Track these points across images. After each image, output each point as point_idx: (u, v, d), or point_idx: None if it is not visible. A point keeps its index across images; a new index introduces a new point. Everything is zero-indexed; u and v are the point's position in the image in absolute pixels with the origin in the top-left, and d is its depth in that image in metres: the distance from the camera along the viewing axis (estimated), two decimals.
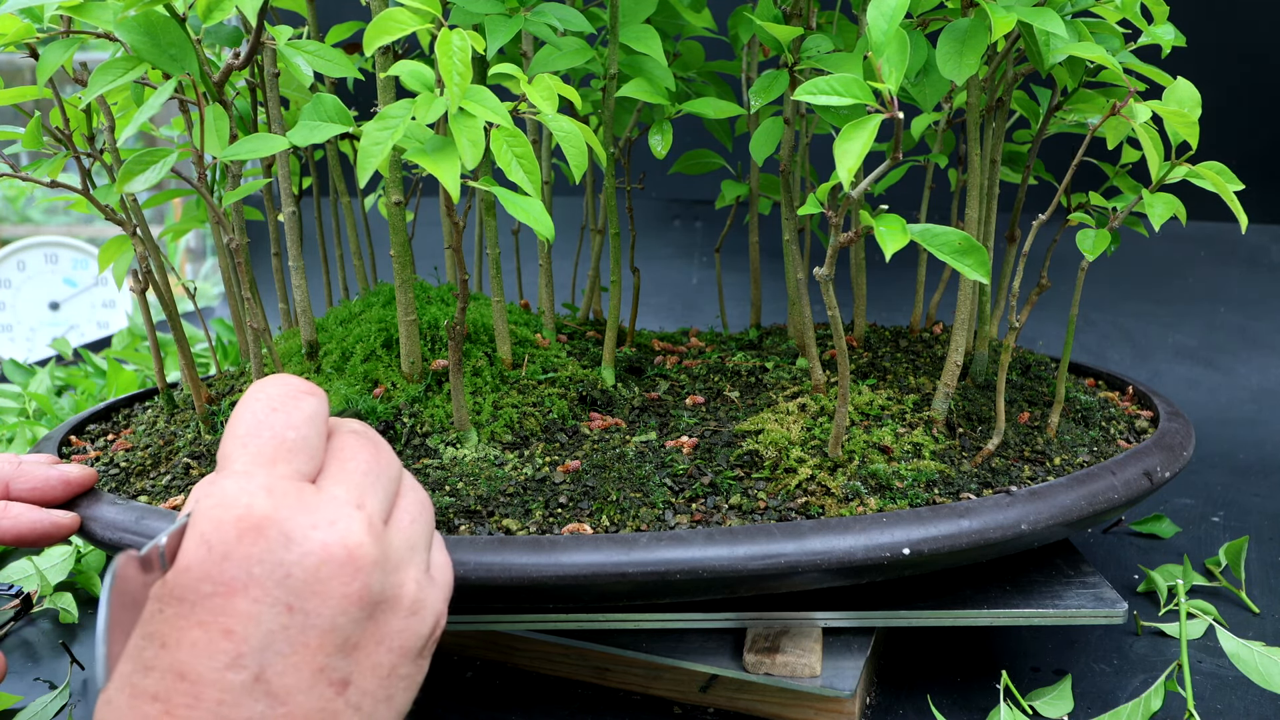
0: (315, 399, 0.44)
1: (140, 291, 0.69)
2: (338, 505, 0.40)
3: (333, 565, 0.39)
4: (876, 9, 0.50)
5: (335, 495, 0.41)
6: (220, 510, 0.38)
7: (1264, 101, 1.23)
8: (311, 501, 0.40)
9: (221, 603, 0.37)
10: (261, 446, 0.41)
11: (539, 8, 0.62)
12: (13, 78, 2.63)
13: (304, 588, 0.38)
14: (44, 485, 0.58)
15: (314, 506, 0.40)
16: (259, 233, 1.19)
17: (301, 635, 0.38)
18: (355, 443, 0.44)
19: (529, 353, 0.70)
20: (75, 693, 0.62)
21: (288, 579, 0.38)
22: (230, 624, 0.37)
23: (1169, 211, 0.61)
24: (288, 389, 0.43)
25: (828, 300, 0.56)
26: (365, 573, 0.39)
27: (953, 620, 0.59)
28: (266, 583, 0.38)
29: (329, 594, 0.38)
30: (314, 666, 0.38)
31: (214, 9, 0.53)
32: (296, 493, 0.40)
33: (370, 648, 0.40)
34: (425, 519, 0.45)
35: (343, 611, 0.39)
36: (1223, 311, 1.29)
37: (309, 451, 0.42)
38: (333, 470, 0.42)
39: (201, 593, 0.37)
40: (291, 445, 0.41)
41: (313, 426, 0.43)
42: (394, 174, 0.62)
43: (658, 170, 1.29)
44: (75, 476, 0.59)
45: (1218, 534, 0.86)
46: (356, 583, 0.39)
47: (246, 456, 0.41)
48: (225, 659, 0.37)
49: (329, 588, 0.38)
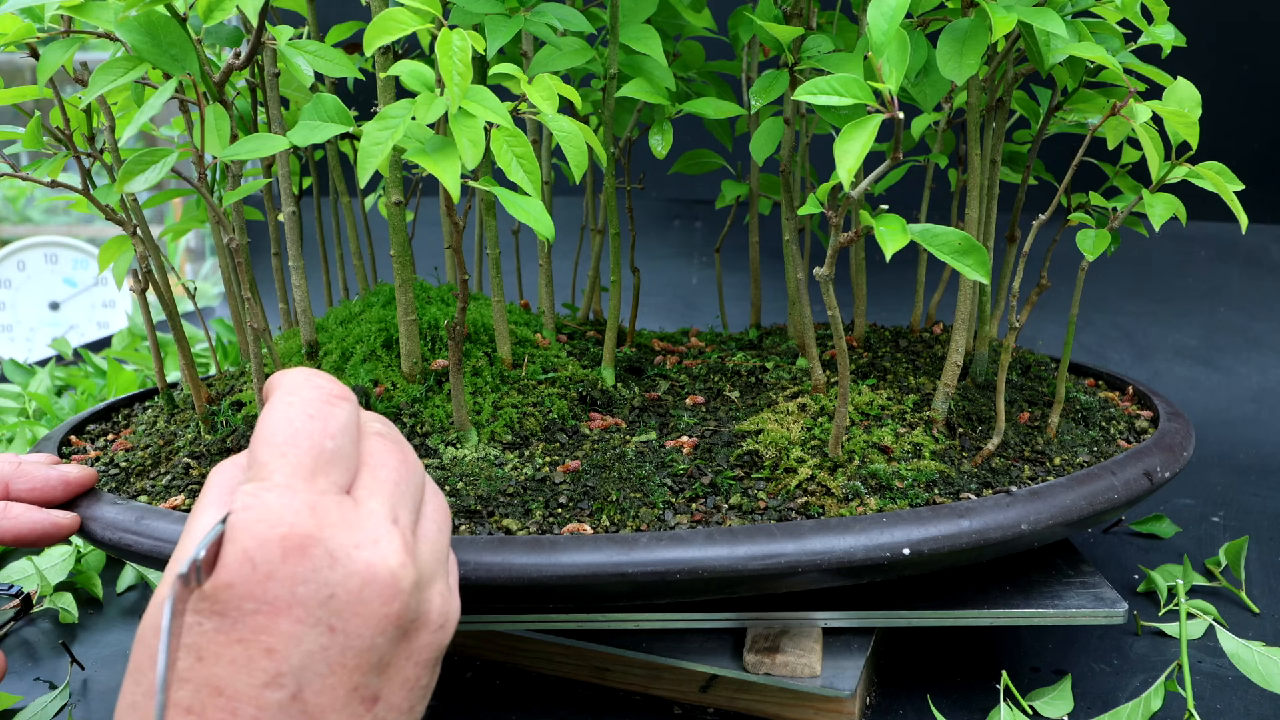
0: (349, 404, 0.43)
1: (140, 291, 0.69)
2: (377, 522, 0.40)
3: (375, 586, 0.38)
4: (877, 9, 0.50)
5: (373, 510, 0.40)
6: (265, 527, 0.38)
7: (1264, 101, 1.23)
8: (352, 518, 0.39)
9: (264, 621, 0.37)
10: (301, 458, 0.40)
11: (539, 8, 0.62)
12: (13, 78, 2.63)
13: (346, 609, 0.38)
14: (44, 485, 0.58)
15: (355, 524, 0.39)
16: (259, 233, 1.18)
17: (340, 655, 0.38)
18: (383, 448, 0.43)
19: (529, 353, 0.70)
20: (75, 693, 0.62)
21: (331, 599, 0.38)
22: (272, 643, 0.37)
23: (1169, 211, 0.61)
24: (321, 393, 0.42)
25: (828, 300, 0.56)
26: (405, 593, 0.39)
27: (953, 620, 0.59)
28: (310, 603, 0.37)
29: (370, 615, 0.38)
30: (349, 685, 0.38)
31: (215, 9, 0.53)
32: (339, 509, 0.39)
33: (400, 664, 0.40)
34: (448, 528, 0.45)
35: (381, 632, 0.39)
36: (1223, 311, 1.29)
37: (345, 462, 0.41)
38: (366, 480, 0.42)
39: (244, 610, 0.37)
40: (330, 456, 0.41)
41: (348, 435, 0.42)
42: (394, 174, 0.62)
43: (658, 170, 1.29)
44: (75, 477, 0.59)
45: (1218, 534, 0.86)
46: (396, 603, 0.39)
47: (287, 468, 0.40)
48: (264, 677, 0.36)
49: (370, 609, 0.38)
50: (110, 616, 0.72)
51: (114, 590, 0.76)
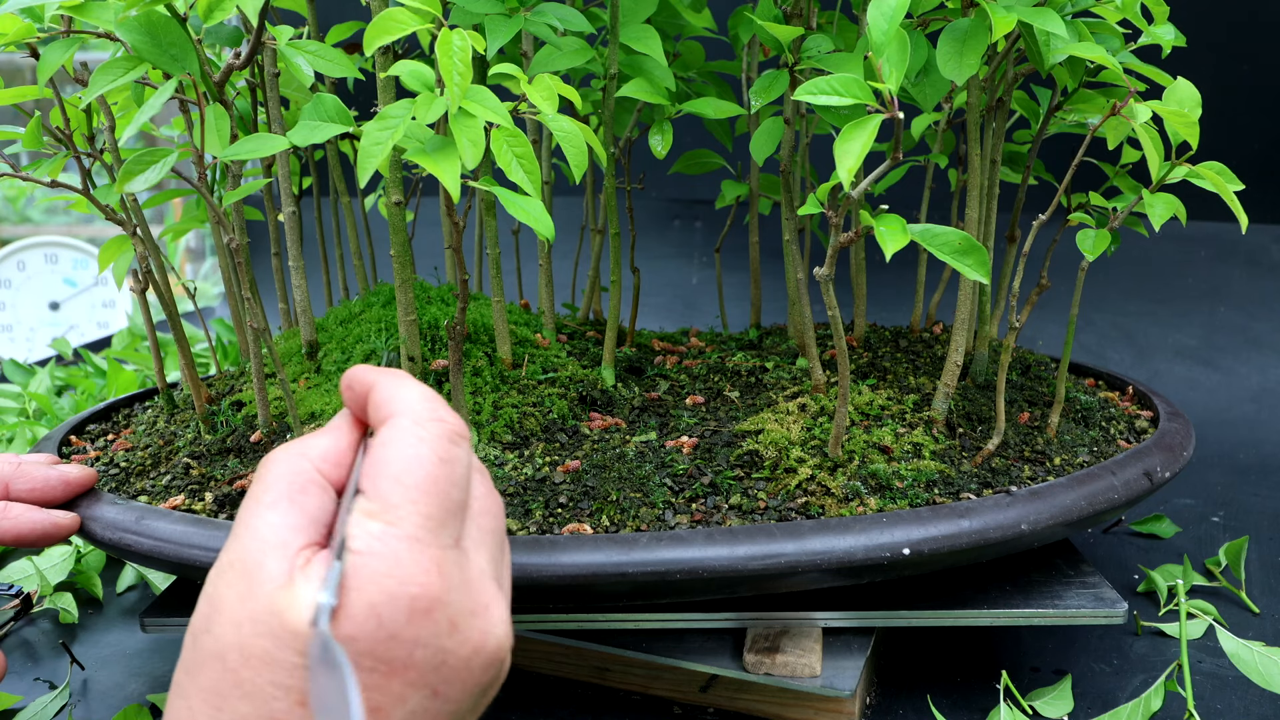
0: (467, 445, 0.42)
1: (140, 291, 0.69)
2: (485, 583, 0.40)
3: (483, 656, 0.39)
4: (877, 9, 0.50)
5: (481, 569, 0.40)
6: (394, 584, 0.37)
7: (1264, 101, 1.23)
8: (468, 580, 0.39)
9: (380, 681, 0.36)
10: (432, 508, 0.39)
11: (539, 8, 0.62)
12: (13, 78, 2.63)
13: (453, 675, 0.38)
14: (44, 485, 0.58)
15: (471, 586, 0.39)
16: (259, 233, 1.18)
17: (434, 716, 0.38)
18: (484, 492, 0.43)
19: (529, 353, 0.70)
20: (75, 693, 0.62)
21: (443, 666, 0.38)
22: (381, 701, 0.36)
23: (1169, 211, 0.61)
24: (446, 430, 0.41)
25: (828, 300, 0.56)
26: (501, 662, 0.40)
27: (953, 620, 0.59)
28: (424, 668, 0.37)
29: (471, 682, 0.39)
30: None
31: (215, 9, 0.53)
32: (460, 570, 0.39)
33: (468, 717, 0.40)
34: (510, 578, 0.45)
35: (471, 694, 0.39)
36: (1223, 311, 1.29)
37: (463, 513, 0.41)
38: (472, 531, 0.41)
39: (361, 666, 0.36)
40: (455, 507, 0.40)
41: (466, 483, 0.41)
42: (394, 174, 0.62)
43: (658, 170, 1.29)
44: (75, 476, 0.59)
45: (1218, 534, 0.86)
46: (493, 670, 0.39)
47: (418, 517, 0.38)
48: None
49: (474, 676, 0.39)
50: (110, 616, 0.72)
51: (114, 590, 0.76)
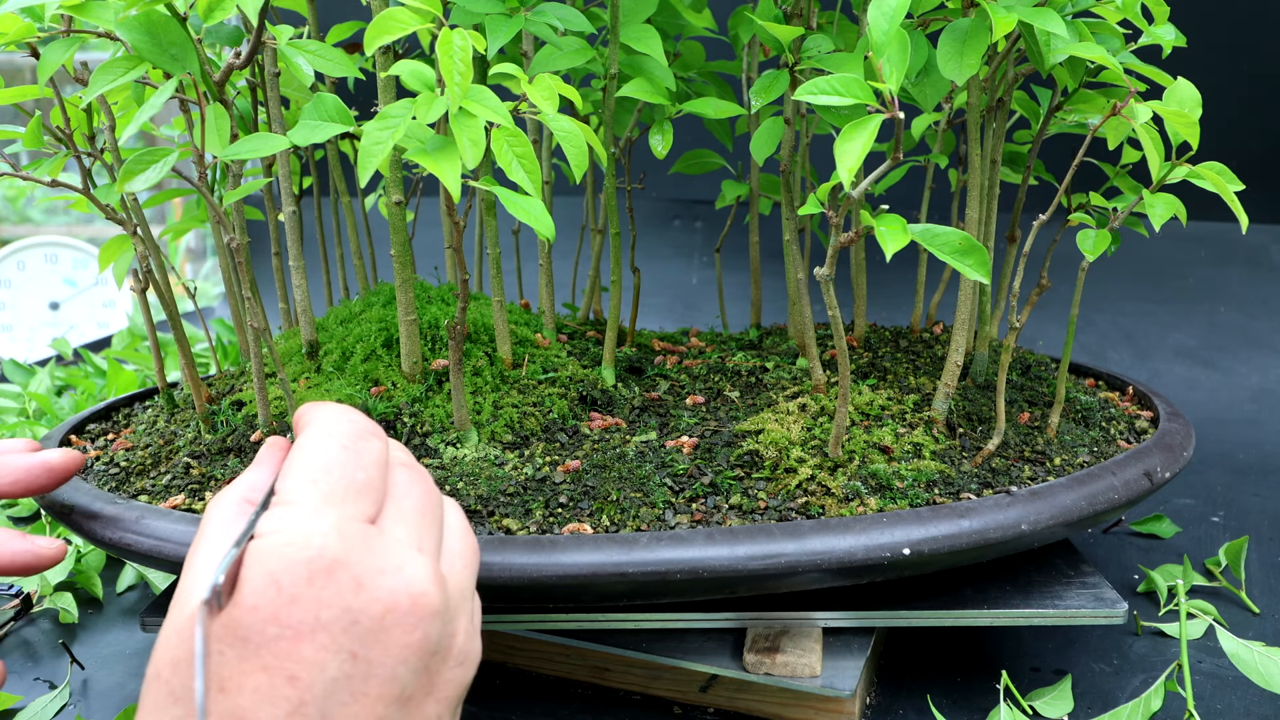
0: (381, 442, 0.44)
1: (140, 291, 0.69)
2: (402, 549, 0.40)
3: (398, 613, 0.38)
4: (877, 9, 0.50)
5: (398, 538, 0.40)
6: (292, 550, 0.37)
7: (1264, 101, 1.23)
8: (377, 545, 0.39)
9: (288, 647, 0.36)
10: (333, 486, 0.40)
11: (539, 7, 0.62)
12: (13, 77, 2.63)
13: (369, 635, 0.37)
14: (26, 475, 0.54)
15: (381, 550, 0.39)
16: (259, 232, 1.19)
17: (363, 684, 0.37)
18: (408, 479, 0.44)
19: (529, 353, 0.70)
20: (75, 693, 0.62)
21: (354, 625, 0.37)
22: (295, 670, 0.36)
23: (1169, 212, 0.61)
24: (356, 429, 0.43)
25: (828, 300, 0.56)
26: (426, 621, 0.39)
27: (953, 620, 0.59)
28: (334, 628, 0.37)
29: (391, 642, 0.38)
30: (373, 717, 0.37)
31: (215, 8, 0.53)
32: (364, 536, 0.39)
33: (420, 699, 0.39)
34: (475, 564, 0.45)
35: (403, 661, 0.38)
36: (1223, 311, 1.29)
37: (374, 494, 0.41)
38: (390, 511, 0.42)
39: (267, 635, 0.36)
40: (360, 487, 0.41)
41: (379, 469, 0.42)
42: (394, 174, 0.62)
43: (658, 170, 1.29)
44: (58, 462, 0.55)
45: (1218, 534, 0.86)
46: (418, 632, 0.38)
47: (317, 495, 0.40)
48: (288, 706, 0.36)
49: (392, 636, 0.38)
50: (110, 616, 0.72)
51: (114, 590, 0.76)
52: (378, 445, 0.43)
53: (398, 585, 0.38)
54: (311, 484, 0.40)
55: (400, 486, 0.43)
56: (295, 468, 0.41)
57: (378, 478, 0.42)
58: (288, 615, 0.36)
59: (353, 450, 0.42)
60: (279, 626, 0.36)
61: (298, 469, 0.41)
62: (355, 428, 0.43)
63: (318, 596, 0.37)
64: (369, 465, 0.42)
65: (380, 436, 0.44)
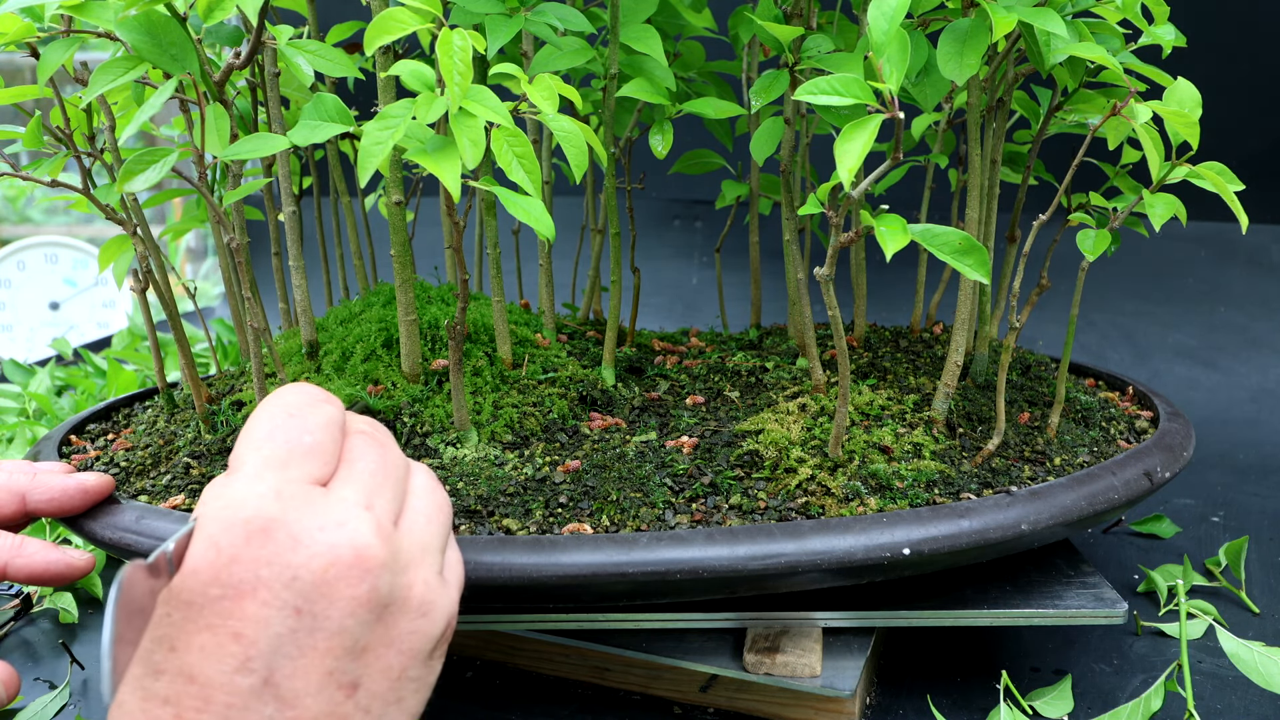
0: (332, 406, 0.44)
1: (140, 291, 0.69)
2: (346, 507, 0.40)
3: (340, 567, 0.39)
4: (877, 9, 0.50)
5: (344, 497, 0.41)
6: (228, 512, 0.39)
7: (1264, 101, 1.23)
8: (319, 504, 0.40)
9: (230, 606, 0.37)
10: (275, 450, 0.41)
11: (539, 7, 0.62)
12: (13, 77, 2.63)
13: (312, 590, 0.38)
14: (61, 495, 0.57)
15: (322, 509, 0.40)
16: (259, 232, 1.18)
17: (310, 638, 0.38)
18: (362, 443, 0.44)
19: (529, 353, 0.70)
20: (75, 693, 0.62)
21: (295, 581, 0.38)
22: (239, 627, 0.37)
23: (1169, 212, 0.61)
24: (305, 396, 0.44)
25: (828, 300, 0.56)
26: (373, 574, 0.39)
27: (953, 620, 0.59)
28: (274, 585, 0.38)
29: (336, 596, 0.39)
30: (323, 670, 0.38)
31: (215, 8, 0.53)
32: (304, 495, 0.40)
33: (379, 650, 0.40)
34: (441, 520, 0.45)
35: (350, 614, 0.39)
36: (1223, 311, 1.29)
37: (323, 457, 0.42)
38: (342, 473, 0.43)
39: (210, 596, 0.37)
40: (306, 450, 0.42)
41: (328, 432, 0.43)
42: (394, 174, 0.62)
43: (658, 170, 1.29)
44: (93, 484, 0.58)
45: (1218, 534, 0.86)
46: (364, 585, 0.39)
47: (259, 460, 0.41)
48: (234, 662, 0.37)
49: (336, 590, 0.39)
50: None
51: None
52: (327, 410, 0.44)
53: (339, 540, 0.39)
54: (254, 450, 0.41)
55: (355, 450, 0.44)
56: (243, 438, 0.43)
57: (326, 440, 0.43)
58: (228, 575, 0.38)
59: (298, 417, 0.43)
60: (220, 587, 0.37)
61: (245, 439, 0.42)
62: (304, 397, 0.44)
63: (256, 555, 0.38)
64: (316, 429, 0.43)
65: (333, 404, 0.45)
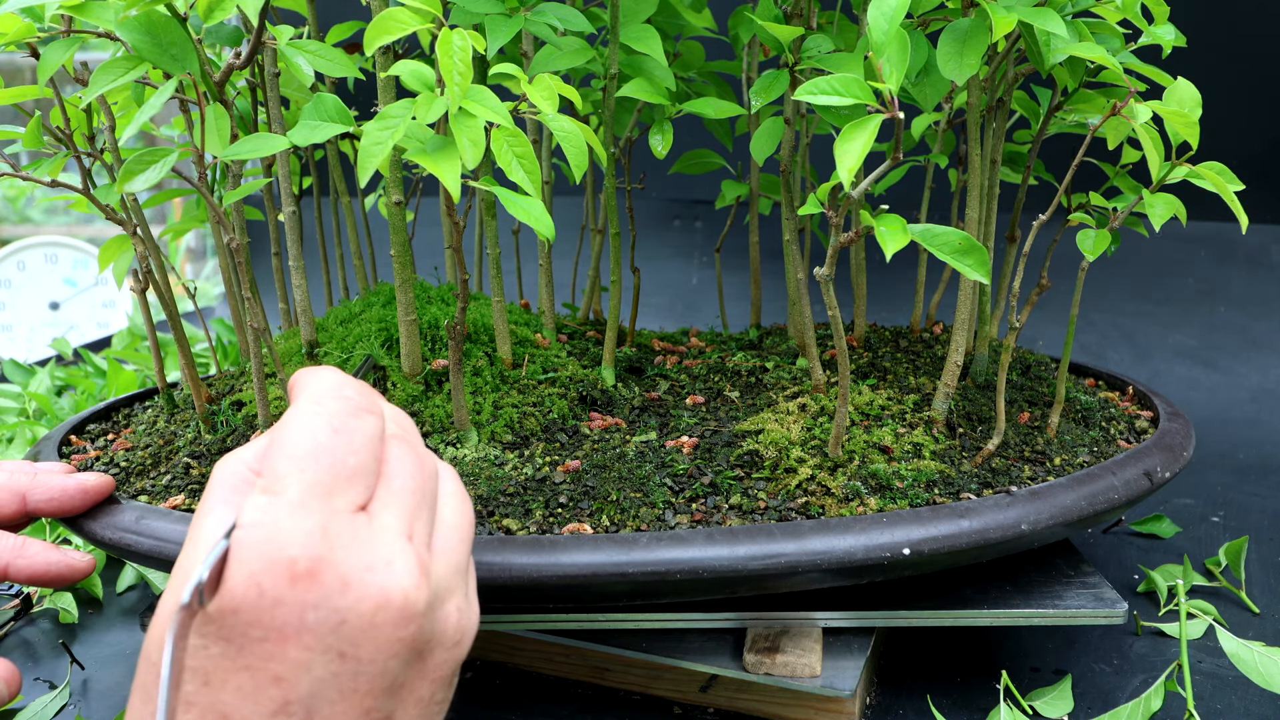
0: (375, 417, 0.41)
1: (140, 291, 0.69)
2: (390, 539, 0.38)
3: (389, 611, 0.37)
4: (877, 9, 0.50)
5: (387, 525, 0.39)
6: (274, 549, 0.36)
7: (1264, 101, 1.23)
8: (365, 538, 0.38)
9: (272, 649, 0.36)
10: (320, 474, 0.38)
11: (539, 7, 0.62)
12: (13, 77, 2.63)
13: (358, 634, 0.37)
14: (62, 495, 0.57)
15: (368, 545, 0.38)
16: (259, 232, 1.19)
17: (352, 681, 0.37)
18: (399, 453, 0.42)
19: (529, 353, 0.70)
20: (75, 693, 0.62)
21: (342, 625, 0.36)
22: (280, 670, 0.36)
23: (1169, 212, 0.61)
24: (349, 406, 0.41)
25: (828, 300, 0.56)
26: (419, 617, 0.38)
27: (953, 620, 0.59)
28: (320, 630, 0.36)
29: (382, 640, 0.37)
30: (360, 709, 0.37)
31: (215, 9, 0.53)
32: (351, 530, 0.38)
33: (415, 683, 0.39)
34: (469, 530, 0.43)
35: (394, 655, 0.38)
36: (1223, 311, 1.29)
37: (367, 479, 0.40)
38: (381, 494, 0.40)
39: (251, 637, 0.36)
40: (351, 474, 0.39)
41: (370, 450, 0.40)
42: (394, 174, 0.62)
43: (658, 170, 1.29)
44: (93, 485, 0.58)
45: (1218, 534, 0.86)
46: (411, 627, 0.38)
47: (303, 484, 0.38)
48: (272, 705, 0.36)
49: (382, 634, 0.37)
50: (110, 616, 0.72)
51: (114, 590, 0.76)
52: (371, 423, 0.41)
53: (388, 582, 0.37)
54: (299, 472, 0.38)
55: (394, 464, 0.41)
56: (282, 449, 0.39)
57: (369, 460, 0.40)
58: (271, 618, 0.36)
59: (344, 433, 0.39)
60: (263, 629, 0.36)
61: (284, 451, 0.39)
62: (346, 404, 0.41)
63: (302, 599, 0.36)
64: (360, 448, 0.40)
65: (374, 410, 0.42)
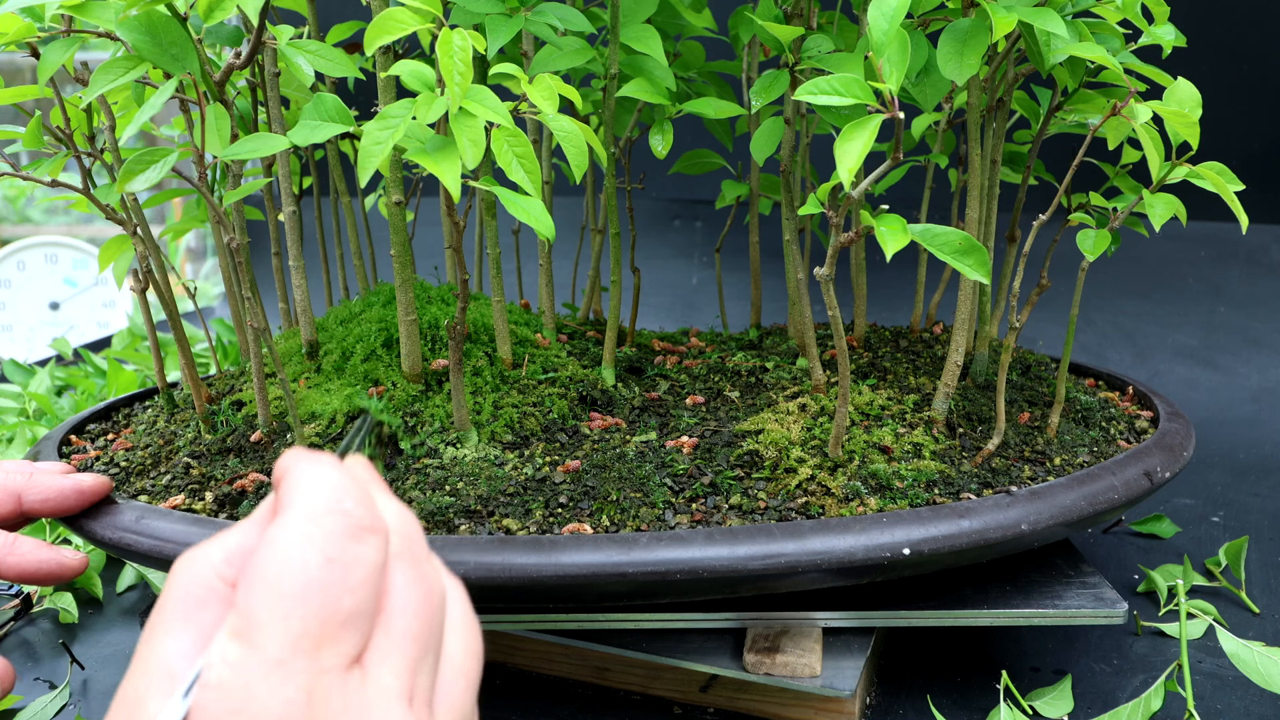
0: (377, 539, 0.34)
1: (140, 291, 0.69)
2: (388, 706, 0.32)
3: None
4: (877, 9, 0.50)
5: (385, 687, 0.33)
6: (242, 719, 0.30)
7: (1264, 101, 1.23)
8: (357, 705, 0.32)
9: None
10: (308, 622, 0.31)
11: (539, 7, 0.62)
12: (13, 77, 2.62)
13: None
14: (58, 495, 0.57)
15: (360, 713, 0.32)
16: (259, 232, 1.19)
17: None
18: (404, 583, 0.35)
19: (529, 353, 0.70)
20: (75, 693, 0.62)
21: None
22: None
23: (1169, 212, 0.61)
24: (348, 525, 0.33)
25: (828, 300, 0.56)
26: None
27: (953, 620, 0.59)
28: None
29: None
30: None
31: (215, 8, 0.53)
32: (342, 696, 0.31)
33: None
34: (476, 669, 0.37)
35: None
36: (1223, 311, 1.29)
37: (363, 623, 0.33)
38: (379, 640, 0.33)
39: None
40: (345, 618, 0.32)
41: (371, 586, 0.33)
42: (394, 174, 0.62)
43: (658, 170, 1.29)
44: (89, 485, 0.58)
45: (1218, 534, 0.86)
46: None
47: (287, 636, 0.31)
48: None
49: None
50: (110, 616, 0.72)
51: (114, 590, 0.76)
52: (373, 548, 0.34)
53: None
54: (282, 619, 0.31)
55: (397, 598, 0.34)
56: (263, 581, 0.32)
57: (368, 599, 0.33)
58: None
59: (340, 565, 0.32)
60: None
61: (266, 584, 0.31)
62: (345, 524, 0.33)
63: None
64: (359, 585, 0.33)
65: (378, 529, 0.34)
